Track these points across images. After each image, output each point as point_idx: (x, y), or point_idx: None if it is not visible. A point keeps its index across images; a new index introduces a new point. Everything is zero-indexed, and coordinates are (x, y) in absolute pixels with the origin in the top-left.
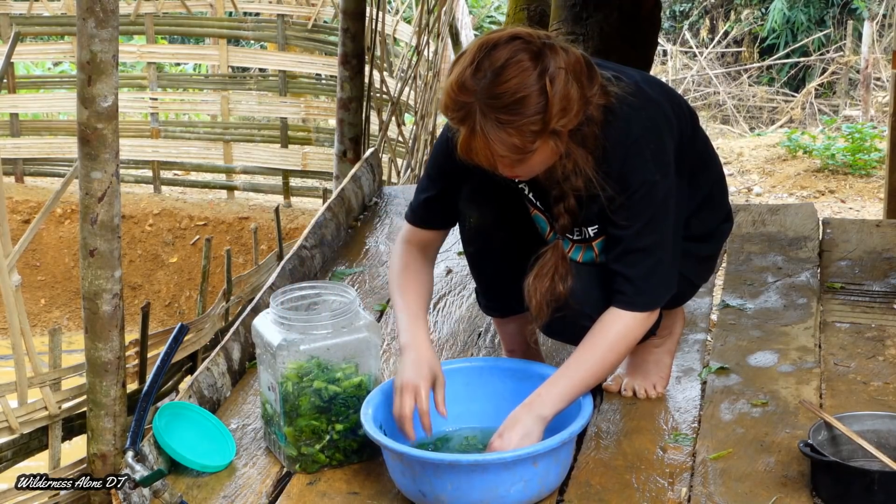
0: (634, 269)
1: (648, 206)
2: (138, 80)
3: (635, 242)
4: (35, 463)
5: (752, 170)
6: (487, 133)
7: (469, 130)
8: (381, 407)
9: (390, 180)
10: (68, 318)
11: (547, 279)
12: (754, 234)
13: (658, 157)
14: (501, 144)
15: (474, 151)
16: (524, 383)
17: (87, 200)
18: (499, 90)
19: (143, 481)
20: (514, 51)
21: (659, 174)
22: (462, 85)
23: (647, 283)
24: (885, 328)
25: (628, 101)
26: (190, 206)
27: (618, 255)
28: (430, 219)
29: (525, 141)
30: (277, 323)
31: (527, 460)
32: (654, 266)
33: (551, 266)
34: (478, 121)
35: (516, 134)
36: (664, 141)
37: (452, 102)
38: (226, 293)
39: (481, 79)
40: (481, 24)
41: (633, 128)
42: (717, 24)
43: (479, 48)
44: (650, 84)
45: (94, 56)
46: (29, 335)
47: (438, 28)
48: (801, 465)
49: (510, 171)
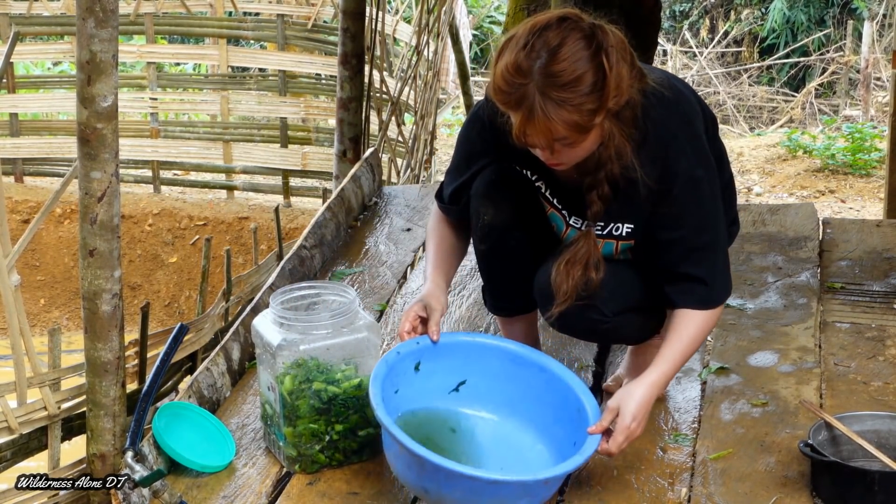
0: (701, 269)
1: (698, 203)
2: (138, 80)
3: (694, 241)
4: (35, 463)
5: (752, 170)
6: (548, 113)
7: (526, 113)
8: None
9: (390, 180)
10: (68, 318)
11: (579, 267)
12: (754, 233)
13: (697, 150)
14: (563, 124)
15: (531, 135)
16: (521, 368)
17: (87, 200)
18: (556, 69)
19: (143, 481)
20: (567, 30)
21: (701, 168)
22: (517, 67)
23: (717, 279)
24: (885, 328)
25: (663, 92)
26: (190, 205)
27: (680, 257)
28: (459, 209)
29: (584, 118)
30: (277, 323)
31: (540, 481)
32: (717, 261)
33: (584, 254)
34: (536, 102)
35: (576, 112)
36: (700, 134)
37: (507, 85)
38: (225, 293)
39: (536, 59)
40: (481, 24)
41: (671, 119)
42: (716, 23)
43: (529, 31)
44: (678, 80)
45: (94, 56)
46: (28, 335)
47: (438, 28)
48: (801, 465)
49: (557, 157)
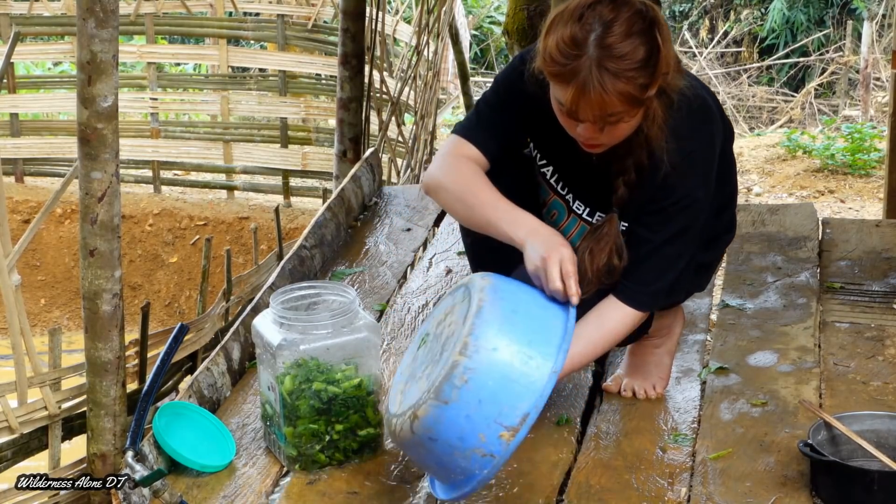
0: (649, 272)
1: (684, 219)
2: (138, 80)
3: (662, 248)
4: (35, 463)
5: (752, 170)
6: (604, 84)
7: (580, 86)
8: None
9: (390, 180)
10: (68, 317)
11: (604, 254)
12: (754, 233)
13: (707, 172)
14: (617, 95)
15: (583, 108)
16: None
17: (87, 200)
18: (611, 40)
19: (143, 481)
20: (620, 4)
21: (702, 191)
22: (573, 39)
23: (655, 286)
24: (885, 328)
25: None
26: (190, 206)
27: (643, 255)
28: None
29: (638, 91)
30: (277, 323)
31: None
32: (667, 274)
33: (610, 239)
34: (592, 74)
35: (630, 84)
36: (714, 158)
37: (562, 57)
38: (226, 293)
39: (591, 31)
40: (481, 24)
41: (695, 134)
42: (716, 24)
43: (581, 5)
44: (706, 89)
45: (94, 56)
46: (29, 335)
47: (438, 28)
48: (800, 465)
49: (599, 137)
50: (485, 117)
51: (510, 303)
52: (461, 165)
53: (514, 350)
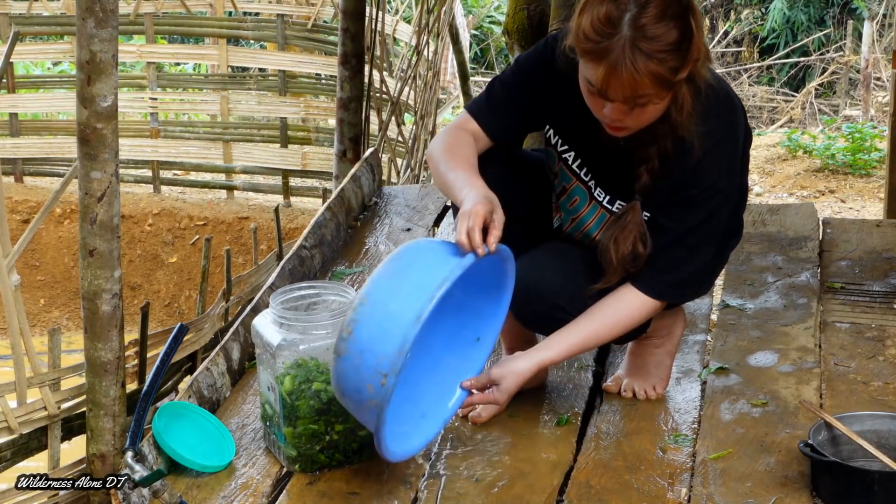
0: (669, 261)
1: (707, 209)
2: (138, 80)
3: (684, 238)
4: (35, 463)
5: (752, 169)
6: (636, 64)
7: (611, 64)
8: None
9: (390, 180)
10: (68, 318)
11: (629, 242)
12: (754, 234)
13: (731, 163)
14: (649, 76)
15: (613, 87)
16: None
17: (87, 200)
18: (645, 21)
19: (143, 481)
20: None
21: (726, 181)
22: (608, 18)
23: (673, 276)
24: (885, 328)
25: (718, 95)
26: (189, 205)
27: (663, 244)
28: (488, 119)
29: (670, 73)
30: (277, 323)
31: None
32: (687, 264)
33: (634, 227)
34: (625, 53)
35: (662, 65)
36: (738, 149)
37: (597, 35)
38: (225, 293)
39: (626, 11)
40: (481, 24)
41: (721, 125)
42: (716, 23)
43: None
44: (730, 88)
45: (94, 56)
46: (28, 335)
47: (438, 28)
48: (801, 465)
49: (625, 119)
50: (495, 96)
51: (409, 259)
52: (455, 137)
53: (394, 301)
